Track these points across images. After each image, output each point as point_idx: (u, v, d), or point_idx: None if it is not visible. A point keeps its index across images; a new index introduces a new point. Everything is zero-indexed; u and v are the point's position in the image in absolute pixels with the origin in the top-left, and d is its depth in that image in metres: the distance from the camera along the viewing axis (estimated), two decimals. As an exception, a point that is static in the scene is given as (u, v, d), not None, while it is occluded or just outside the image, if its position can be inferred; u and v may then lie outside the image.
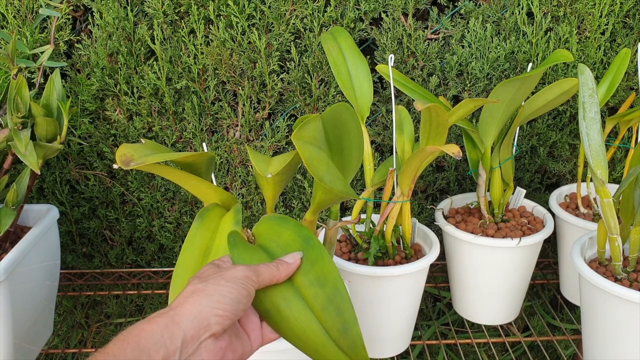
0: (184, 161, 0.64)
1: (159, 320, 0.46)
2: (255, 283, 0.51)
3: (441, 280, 1.15)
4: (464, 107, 0.75)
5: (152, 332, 0.45)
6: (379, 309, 0.86)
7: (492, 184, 0.94)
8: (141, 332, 0.45)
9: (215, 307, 0.47)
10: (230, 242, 0.56)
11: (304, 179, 1.08)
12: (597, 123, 0.75)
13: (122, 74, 1.02)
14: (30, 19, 1.01)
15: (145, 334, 0.45)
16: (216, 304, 0.47)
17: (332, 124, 0.66)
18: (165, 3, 0.98)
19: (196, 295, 0.48)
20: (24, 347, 0.87)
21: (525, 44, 1.01)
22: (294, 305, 0.53)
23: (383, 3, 1.00)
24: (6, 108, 0.84)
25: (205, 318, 0.47)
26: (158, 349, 0.44)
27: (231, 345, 0.49)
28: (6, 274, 0.77)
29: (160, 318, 0.46)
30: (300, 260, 0.55)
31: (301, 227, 0.57)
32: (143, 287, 1.16)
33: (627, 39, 1.04)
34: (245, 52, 1.00)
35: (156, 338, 0.45)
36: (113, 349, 0.43)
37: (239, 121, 1.06)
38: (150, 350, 0.44)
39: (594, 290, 0.78)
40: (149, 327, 0.45)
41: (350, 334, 0.52)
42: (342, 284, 0.53)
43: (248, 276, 0.50)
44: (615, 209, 0.77)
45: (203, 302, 0.47)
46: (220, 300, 0.47)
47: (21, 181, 0.87)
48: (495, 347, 1.27)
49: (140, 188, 1.09)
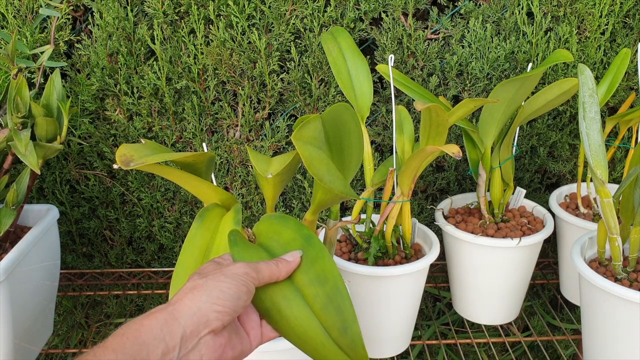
0: (184, 161, 0.64)
1: (159, 315, 0.46)
2: (255, 280, 0.51)
3: (441, 280, 1.15)
4: (464, 107, 0.75)
5: (151, 327, 0.45)
6: (379, 309, 0.86)
7: (492, 184, 0.94)
8: (140, 327, 0.45)
9: (214, 303, 0.47)
10: (231, 240, 0.56)
11: (304, 179, 1.08)
12: (597, 123, 0.75)
13: (122, 74, 1.02)
14: (30, 19, 1.01)
15: (144, 329, 0.45)
16: (215, 300, 0.47)
17: (332, 124, 0.66)
18: (165, 3, 0.98)
19: (196, 291, 0.48)
20: (24, 347, 0.87)
21: (525, 44, 1.01)
22: (294, 304, 0.53)
23: (383, 3, 1.00)
24: (6, 108, 0.84)
25: (204, 314, 0.47)
26: (157, 343, 0.44)
27: (230, 342, 0.49)
28: (6, 274, 0.77)
29: (160, 313, 0.46)
30: (300, 258, 0.55)
31: (301, 226, 0.57)
32: (143, 287, 1.16)
33: (627, 39, 1.04)
34: (245, 52, 1.00)
35: (156, 333, 0.45)
36: (112, 343, 0.43)
37: (239, 121, 1.06)
38: (149, 345, 0.44)
39: (594, 290, 0.78)
40: (148, 322, 0.45)
41: (350, 333, 0.52)
42: (342, 283, 0.53)
43: (248, 273, 0.50)
44: (615, 209, 0.77)
45: (202, 298, 0.47)
46: (219, 296, 0.47)
47: (21, 181, 0.87)
48: (495, 347, 1.27)
49: (140, 188, 1.09)
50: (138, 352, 0.43)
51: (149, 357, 0.44)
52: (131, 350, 0.43)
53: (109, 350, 0.43)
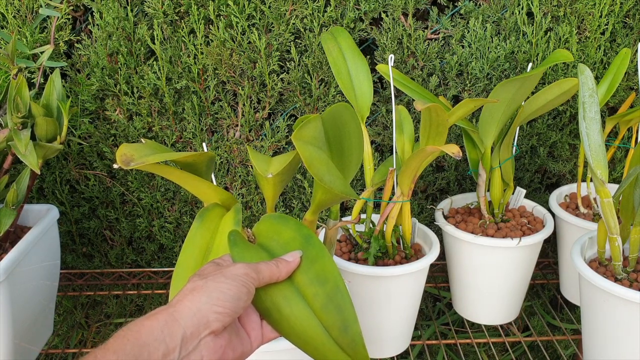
0: (184, 161, 0.64)
1: (159, 316, 0.46)
2: (255, 280, 0.50)
3: (441, 280, 1.15)
4: (464, 107, 0.75)
5: (152, 329, 0.45)
6: (379, 309, 0.86)
7: (492, 184, 0.94)
8: (141, 329, 0.45)
9: (214, 304, 0.47)
10: (231, 240, 0.56)
11: (304, 179, 1.08)
12: (597, 123, 0.75)
13: (122, 74, 1.02)
14: (30, 19, 1.01)
15: (145, 330, 0.45)
16: (215, 301, 0.47)
17: (332, 124, 0.66)
18: (165, 3, 0.98)
19: (196, 293, 0.48)
20: (24, 347, 0.87)
21: (525, 44, 1.01)
22: (294, 303, 0.53)
23: (383, 3, 1.00)
24: (6, 108, 0.84)
25: (204, 315, 0.47)
26: (158, 345, 0.44)
27: (231, 343, 0.49)
28: (6, 274, 0.77)
29: (160, 315, 0.46)
30: (300, 258, 0.54)
31: (301, 225, 0.57)
32: (143, 287, 1.16)
33: (627, 39, 1.04)
34: (245, 52, 1.00)
35: (156, 334, 0.45)
36: (113, 344, 0.43)
37: (239, 121, 1.06)
38: (150, 346, 0.44)
39: (594, 290, 0.78)
40: (148, 324, 0.45)
41: (351, 333, 0.52)
42: (342, 282, 0.53)
43: (248, 274, 0.50)
44: (615, 209, 0.77)
45: (202, 299, 0.47)
46: (219, 297, 0.47)
47: (21, 181, 0.87)
48: (495, 347, 1.27)
49: (140, 188, 1.09)
50: (139, 354, 0.43)
51: (150, 358, 0.44)
52: (132, 351, 0.43)
53: (109, 351, 0.43)
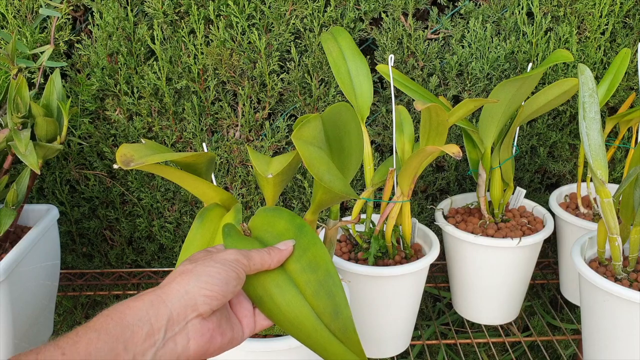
0: (184, 161, 0.64)
1: (145, 297, 0.46)
2: (245, 267, 0.51)
3: (441, 280, 1.15)
4: (464, 107, 0.75)
5: (137, 309, 0.45)
6: (379, 309, 0.86)
7: (492, 184, 0.94)
8: (126, 309, 0.45)
9: (203, 287, 0.47)
10: (225, 232, 0.56)
11: (304, 179, 1.08)
12: (597, 123, 0.75)
13: (122, 74, 1.02)
14: (30, 19, 1.01)
15: (130, 311, 0.45)
16: (204, 284, 0.47)
17: (332, 123, 0.66)
18: (165, 3, 0.98)
19: (184, 275, 0.48)
20: (24, 347, 0.87)
21: (525, 44, 1.01)
22: (287, 291, 0.53)
23: (383, 3, 1.00)
24: (6, 108, 0.84)
25: (192, 297, 0.47)
26: (142, 325, 0.44)
27: (220, 328, 0.49)
28: (6, 274, 0.77)
29: (147, 296, 0.46)
30: (293, 247, 0.55)
31: (295, 216, 0.57)
32: (143, 287, 1.16)
33: (627, 39, 1.04)
34: (245, 52, 1.00)
35: (141, 315, 0.45)
36: (96, 323, 0.43)
37: (239, 121, 1.06)
38: (134, 326, 0.44)
39: (594, 290, 0.78)
40: (134, 304, 0.45)
41: (342, 318, 0.52)
42: (333, 269, 0.53)
43: (238, 259, 0.50)
44: (615, 209, 0.77)
45: (191, 282, 0.47)
46: (208, 280, 0.47)
47: (21, 181, 0.87)
48: (495, 347, 1.27)
49: (140, 188, 1.09)
50: (121, 333, 0.43)
51: (132, 338, 0.43)
52: (114, 330, 0.43)
53: (91, 330, 0.43)
